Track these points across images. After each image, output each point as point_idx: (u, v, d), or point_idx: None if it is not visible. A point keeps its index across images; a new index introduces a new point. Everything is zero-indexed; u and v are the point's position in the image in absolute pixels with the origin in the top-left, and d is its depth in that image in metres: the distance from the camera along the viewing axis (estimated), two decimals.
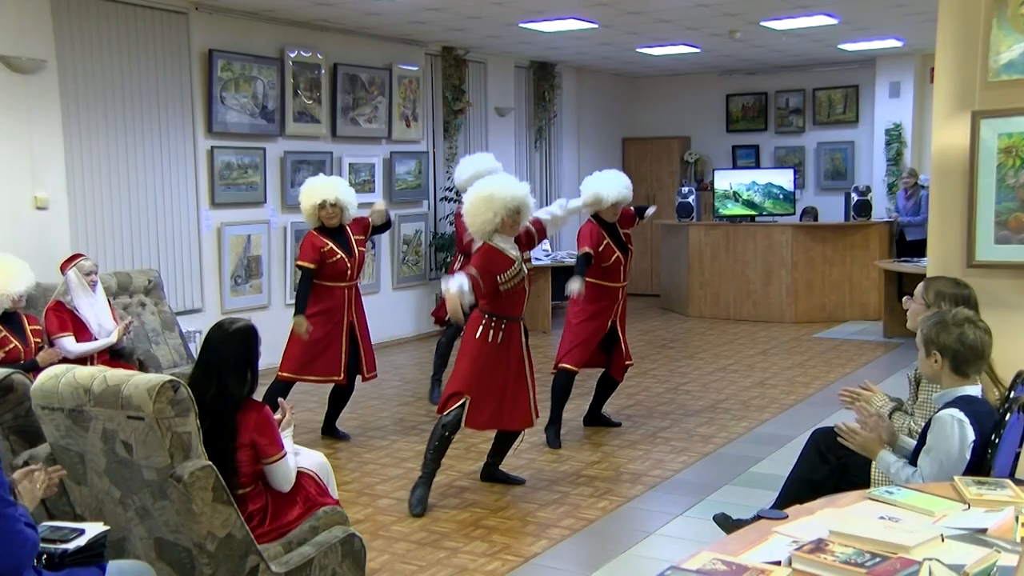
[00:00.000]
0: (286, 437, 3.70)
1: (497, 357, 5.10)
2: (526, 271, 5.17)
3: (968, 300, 3.79)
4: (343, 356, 6.19)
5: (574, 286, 5.99)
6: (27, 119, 6.86)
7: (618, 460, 5.90)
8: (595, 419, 6.74)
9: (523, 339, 5.23)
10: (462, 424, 5.08)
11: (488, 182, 5.16)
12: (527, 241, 5.27)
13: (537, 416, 5.34)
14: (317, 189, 6.16)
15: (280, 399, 4.00)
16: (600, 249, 6.23)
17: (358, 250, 6.25)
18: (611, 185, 6.22)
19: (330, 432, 6.55)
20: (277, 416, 3.67)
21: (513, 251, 5.10)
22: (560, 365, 6.31)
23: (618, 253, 6.31)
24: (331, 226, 6.17)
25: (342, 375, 6.20)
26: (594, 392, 6.75)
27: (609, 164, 13.96)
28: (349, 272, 6.19)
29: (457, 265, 6.99)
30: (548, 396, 6.33)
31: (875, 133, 12.49)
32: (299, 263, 6.16)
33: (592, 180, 6.32)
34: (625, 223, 6.48)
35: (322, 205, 6.09)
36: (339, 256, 6.14)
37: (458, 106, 10.70)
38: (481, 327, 5.08)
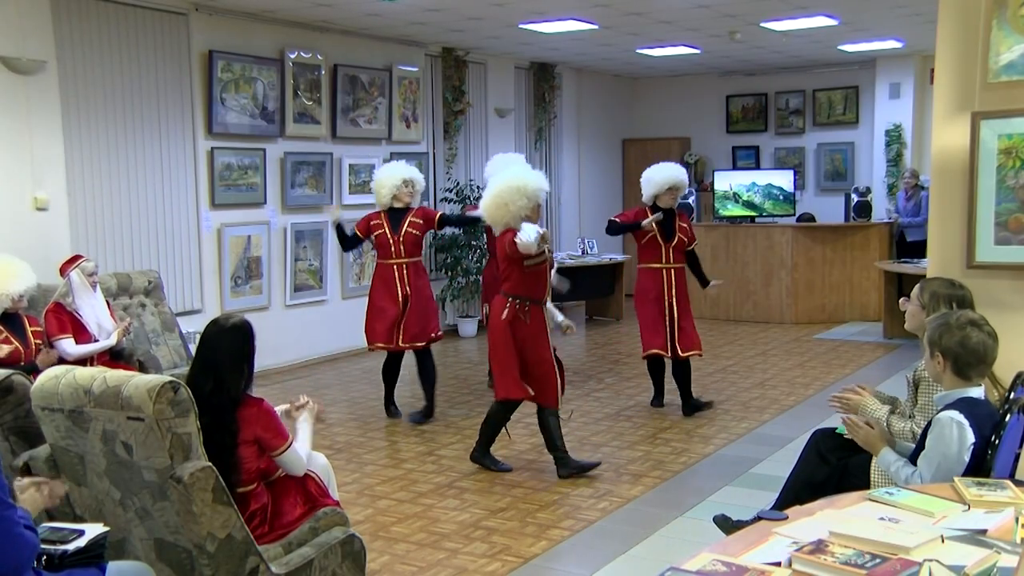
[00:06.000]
0: (304, 421, 3.79)
1: (524, 335, 5.51)
2: (547, 254, 5.57)
3: (964, 301, 3.78)
4: (396, 327, 6.77)
5: None
6: (27, 120, 6.86)
7: (618, 461, 5.90)
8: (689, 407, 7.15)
9: (547, 324, 5.64)
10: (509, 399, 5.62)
11: (519, 174, 5.63)
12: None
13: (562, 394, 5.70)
14: (399, 169, 6.88)
15: (303, 396, 4.00)
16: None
17: (406, 231, 6.80)
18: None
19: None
20: (283, 408, 3.78)
21: None
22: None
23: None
24: (404, 204, 6.81)
25: (393, 343, 6.80)
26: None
27: (609, 165, 14.05)
28: (393, 249, 6.79)
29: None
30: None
31: (875, 134, 12.49)
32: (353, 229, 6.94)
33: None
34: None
35: (405, 183, 6.77)
36: (383, 231, 6.81)
37: (458, 107, 10.70)
38: (507, 310, 5.50)
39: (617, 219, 7.11)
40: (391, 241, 6.76)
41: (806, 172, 13.30)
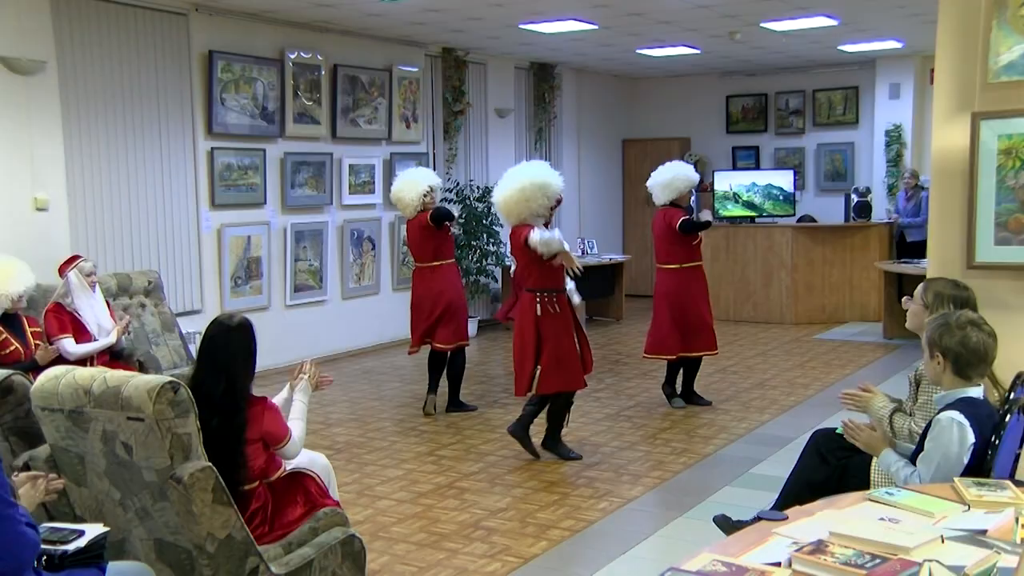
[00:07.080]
0: (300, 392, 3.84)
1: (560, 325, 5.72)
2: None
3: (967, 302, 3.79)
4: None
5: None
6: (27, 120, 6.86)
7: (618, 461, 5.90)
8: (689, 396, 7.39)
9: (571, 308, 5.87)
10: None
11: (542, 172, 5.80)
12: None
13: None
14: (423, 178, 6.97)
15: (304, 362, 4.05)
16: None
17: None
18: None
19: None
20: (283, 396, 3.87)
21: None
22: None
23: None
24: (429, 208, 6.88)
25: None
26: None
27: (609, 166, 14.04)
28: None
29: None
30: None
31: (875, 134, 12.49)
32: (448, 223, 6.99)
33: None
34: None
35: (428, 192, 6.87)
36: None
37: (458, 107, 10.70)
38: (539, 305, 5.69)
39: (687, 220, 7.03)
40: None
41: (806, 172, 13.30)
